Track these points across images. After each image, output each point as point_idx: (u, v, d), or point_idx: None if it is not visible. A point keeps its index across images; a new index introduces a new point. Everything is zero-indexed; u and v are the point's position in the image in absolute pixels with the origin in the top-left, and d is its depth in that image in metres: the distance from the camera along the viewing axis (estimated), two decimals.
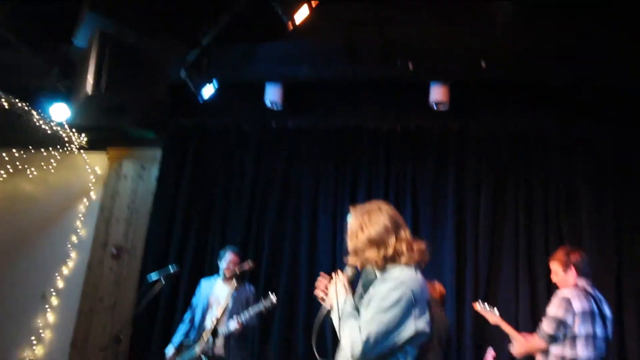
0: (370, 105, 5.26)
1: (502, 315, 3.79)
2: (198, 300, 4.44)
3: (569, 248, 3.38)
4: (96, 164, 5.98)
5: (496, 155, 4.92)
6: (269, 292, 4.16)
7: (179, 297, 5.12)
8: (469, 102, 4.93)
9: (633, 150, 4.60)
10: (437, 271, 4.58)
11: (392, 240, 1.94)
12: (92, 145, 5.90)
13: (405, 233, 1.98)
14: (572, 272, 3.21)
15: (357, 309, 1.91)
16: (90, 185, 5.94)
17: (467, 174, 4.94)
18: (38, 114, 5.20)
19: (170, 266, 4.09)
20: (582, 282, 3.21)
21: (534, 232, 4.66)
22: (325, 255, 5.05)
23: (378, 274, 1.95)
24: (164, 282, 3.95)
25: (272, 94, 5.12)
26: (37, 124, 5.28)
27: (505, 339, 4.30)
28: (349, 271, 2.05)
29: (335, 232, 5.07)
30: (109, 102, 3.48)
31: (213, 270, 5.09)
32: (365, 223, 1.97)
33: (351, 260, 2.02)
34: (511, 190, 4.82)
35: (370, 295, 1.88)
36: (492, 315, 3.74)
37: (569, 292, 3.15)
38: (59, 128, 5.47)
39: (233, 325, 4.05)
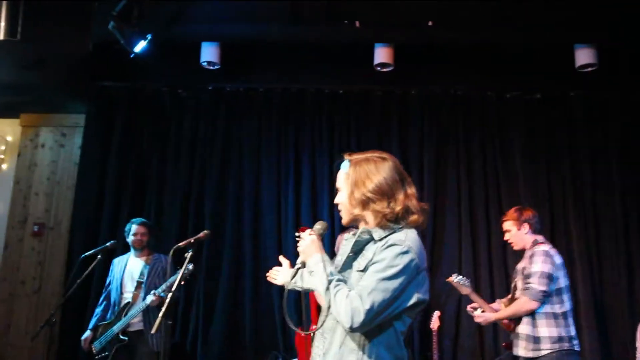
0: (312, 67, 5.07)
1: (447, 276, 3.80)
2: (112, 278, 4.18)
3: (521, 207, 3.48)
4: (7, 132, 5.33)
5: (437, 118, 4.98)
6: (186, 260, 3.92)
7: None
8: (412, 65, 4.90)
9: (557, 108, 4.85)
10: None
11: (400, 195, 1.76)
12: (2, 111, 5.23)
13: (411, 190, 1.80)
14: (526, 229, 3.33)
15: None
16: (0, 155, 5.29)
17: (410, 136, 4.96)
18: None
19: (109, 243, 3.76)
20: (541, 238, 3.34)
21: (475, 192, 4.81)
22: (270, 224, 4.91)
23: (376, 233, 1.76)
24: (100, 257, 3.62)
25: (209, 54, 4.78)
26: None
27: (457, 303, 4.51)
28: (320, 229, 1.88)
29: (280, 199, 4.93)
30: (25, 54, 3.02)
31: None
32: (372, 171, 1.76)
33: (349, 213, 1.82)
34: (452, 152, 4.92)
35: (367, 259, 1.73)
36: (464, 287, 3.54)
37: (545, 247, 3.25)
38: None
39: (150, 298, 3.83)
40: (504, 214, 3.56)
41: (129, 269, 4.10)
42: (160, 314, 2.21)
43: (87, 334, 4.06)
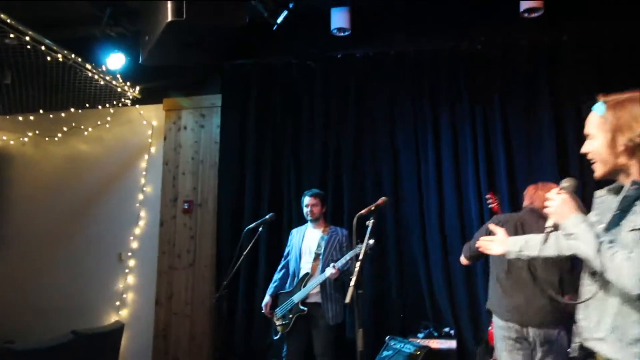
0: (447, 22, 4.75)
1: None
2: (291, 248, 4.27)
3: None
4: (152, 117, 5.67)
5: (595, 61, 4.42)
6: (368, 231, 3.85)
7: (259, 250, 4.92)
8: (562, 11, 4.39)
9: None
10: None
11: None
12: (146, 98, 5.57)
13: None
14: None
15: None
16: (148, 139, 5.66)
17: (561, 87, 4.48)
18: (93, 67, 4.84)
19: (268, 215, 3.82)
20: None
21: None
22: (410, 191, 4.74)
23: None
24: (262, 230, 3.70)
25: (339, 20, 4.66)
26: (91, 76, 4.93)
27: None
28: (570, 185, 1.68)
29: (419, 164, 4.74)
30: (187, 33, 3.09)
31: (292, 216, 4.89)
32: (639, 114, 1.54)
33: (607, 163, 1.61)
34: None
35: None
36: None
37: None
38: (111, 79, 5.12)
39: (329, 271, 3.83)
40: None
41: (307, 240, 4.15)
42: (352, 283, 2.16)
43: (267, 299, 4.18)
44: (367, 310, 4.66)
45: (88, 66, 4.82)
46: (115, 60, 4.80)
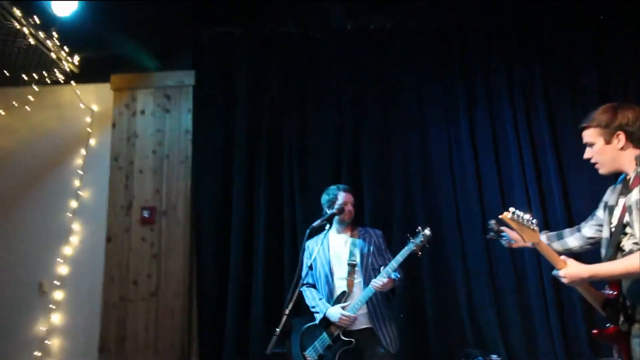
0: None
1: None
2: (314, 264, 2.99)
3: None
4: (92, 100, 4.28)
5: None
6: (419, 226, 2.90)
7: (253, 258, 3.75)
8: None
9: None
10: None
11: None
12: (86, 73, 4.16)
13: None
14: None
15: None
16: (87, 128, 4.24)
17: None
18: (21, 17, 3.41)
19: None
20: None
21: None
22: (443, 177, 3.91)
23: None
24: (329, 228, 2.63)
25: None
26: (14, 29, 3.47)
27: None
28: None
29: (451, 149, 3.94)
30: None
31: (296, 226, 3.81)
32: None
33: None
34: None
35: None
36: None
37: None
38: (45, 39, 3.68)
39: (377, 283, 2.79)
40: None
41: (334, 248, 3.04)
42: None
43: (343, 313, 2.83)
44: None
45: (15, 12, 3.38)
46: (62, 6, 3.41)
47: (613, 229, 1.84)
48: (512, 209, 1.85)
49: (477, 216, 3.79)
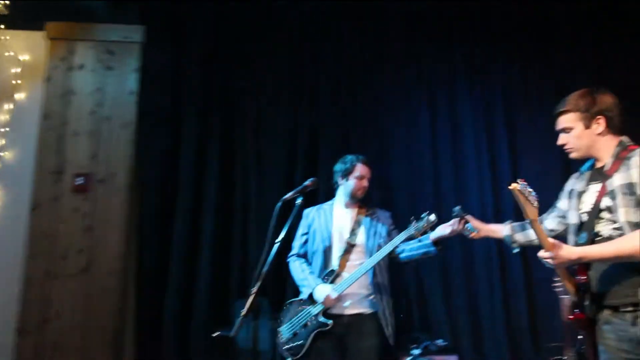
0: None
1: None
2: (311, 236, 2.75)
3: None
4: (22, 49, 3.76)
5: None
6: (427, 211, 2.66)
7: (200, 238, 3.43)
8: None
9: None
10: None
11: None
12: (15, 18, 3.63)
13: None
14: None
15: None
16: (15, 80, 3.72)
17: None
18: None
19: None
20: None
21: None
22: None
23: None
24: (301, 201, 2.32)
25: None
26: None
27: None
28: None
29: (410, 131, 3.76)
30: None
31: (250, 195, 3.54)
32: None
33: None
34: None
35: None
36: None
37: None
38: None
39: (379, 256, 2.55)
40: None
41: (337, 222, 2.74)
42: None
43: (329, 289, 2.55)
44: None
45: None
46: None
47: (585, 215, 1.80)
48: (520, 180, 1.71)
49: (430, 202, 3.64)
